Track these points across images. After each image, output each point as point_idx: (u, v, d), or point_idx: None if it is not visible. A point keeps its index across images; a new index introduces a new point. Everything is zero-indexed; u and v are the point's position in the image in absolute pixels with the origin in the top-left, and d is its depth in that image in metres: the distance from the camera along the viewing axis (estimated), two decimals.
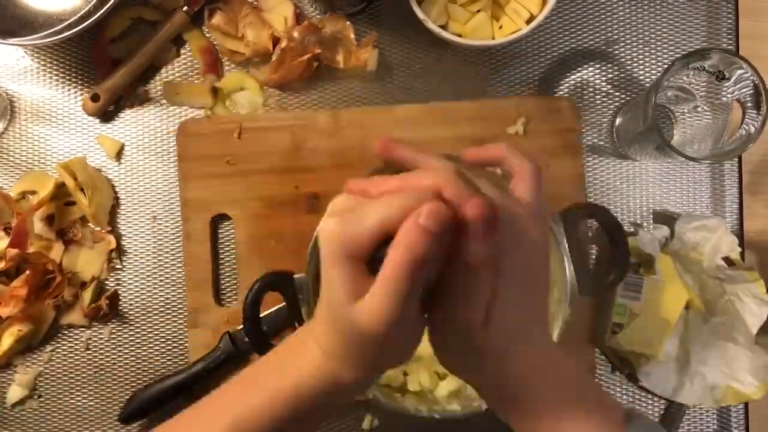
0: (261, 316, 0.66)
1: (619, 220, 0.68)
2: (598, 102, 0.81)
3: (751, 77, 0.66)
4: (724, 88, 0.70)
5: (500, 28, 0.74)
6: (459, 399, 0.68)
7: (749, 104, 0.67)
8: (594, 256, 0.79)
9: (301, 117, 0.78)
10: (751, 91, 0.67)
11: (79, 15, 0.69)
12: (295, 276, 0.66)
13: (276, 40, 0.77)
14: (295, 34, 0.76)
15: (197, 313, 0.76)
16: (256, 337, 0.65)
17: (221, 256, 0.79)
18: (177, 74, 0.80)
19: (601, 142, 0.81)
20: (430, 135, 0.77)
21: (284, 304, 0.66)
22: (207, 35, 0.80)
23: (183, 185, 0.77)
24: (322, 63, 0.78)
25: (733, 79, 0.68)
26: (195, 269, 0.77)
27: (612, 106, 0.81)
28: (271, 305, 0.74)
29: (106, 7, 0.71)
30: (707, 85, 0.71)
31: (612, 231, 0.67)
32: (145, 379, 0.78)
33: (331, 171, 0.77)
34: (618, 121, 0.79)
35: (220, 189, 0.77)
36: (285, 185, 0.77)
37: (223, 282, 0.78)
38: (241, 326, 0.74)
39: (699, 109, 0.74)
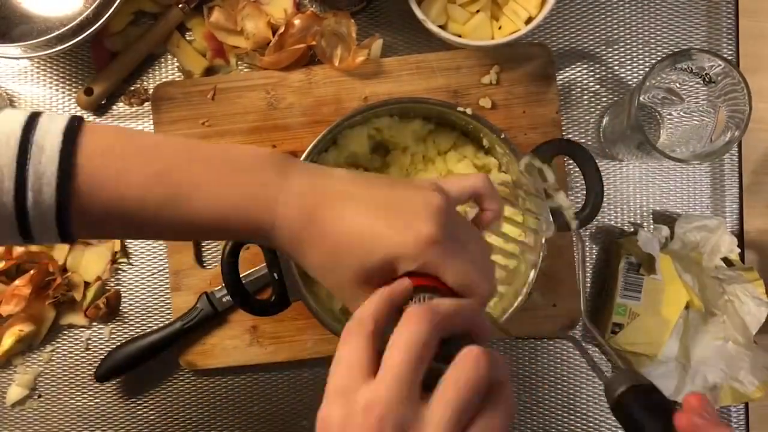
0: (242, 275, 0.66)
1: (592, 155, 0.68)
2: (585, 101, 0.81)
3: (734, 78, 0.66)
4: (711, 91, 0.70)
5: (499, 28, 0.74)
6: None
7: (733, 106, 0.67)
8: None
9: (275, 75, 0.78)
10: (735, 93, 0.67)
11: (77, 21, 0.69)
12: None
13: (276, 29, 0.77)
14: (297, 21, 0.76)
15: (179, 276, 0.77)
16: (235, 290, 0.66)
17: None
18: (177, 73, 0.81)
19: (589, 142, 0.81)
20: (405, 87, 0.77)
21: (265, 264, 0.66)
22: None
23: None
24: (316, 59, 0.78)
25: (718, 81, 0.68)
26: None
27: (600, 106, 0.81)
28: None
29: (105, 16, 0.70)
30: (694, 88, 0.72)
31: (584, 164, 0.67)
32: None
33: (307, 128, 0.77)
34: (604, 120, 0.80)
35: None
36: (262, 144, 0.77)
37: (204, 244, 0.79)
38: (221, 286, 0.74)
39: (686, 111, 0.74)
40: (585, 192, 0.69)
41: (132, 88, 0.80)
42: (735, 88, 0.66)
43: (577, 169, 0.70)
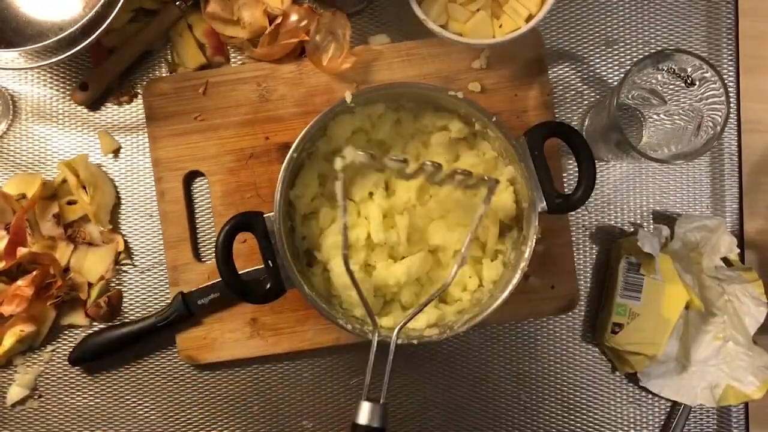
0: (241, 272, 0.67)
1: (584, 138, 0.68)
2: (585, 101, 0.81)
3: (713, 79, 0.66)
4: (692, 93, 0.70)
5: (500, 26, 0.74)
6: (437, 326, 0.69)
7: (712, 106, 0.68)
8: None
9: (266, 67, 0.78)
10: (714, 93, 0.67)
11: (80, 24, 0.69)
12: (266, 215, 0.66)
13: (273, 19, 0.77)
14: (294, 16, 0.76)
15: (176, 271, 0.77)
16: (229, 279, 0.65)
17: (198, 213, 0.79)
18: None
19: None
20: (397, 74, 0.78)
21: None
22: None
23: (153, 145, 0.77)
24: (304, 55, 0.78)
25: (698, 82, 0.68)
26: (171, 228, 0.77)
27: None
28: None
29: (107, 22, 0.70)
30: (677, 89, 0.72)
31: (576, 147, 0.67)
32: None
33: (299, 118, 0.77)
34: (587, 120, 0.80)
35: (190, 146, 0.77)
36: (255, 137, 0.77)
37: (201, 238, 0.79)
38: (199, 287, 0.75)
39: (668, 112, 0.75)
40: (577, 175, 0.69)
41: (128, 87, 0.80)
42: (714, 88, 0.67)
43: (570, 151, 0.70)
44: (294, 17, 0.76)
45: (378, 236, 0.69)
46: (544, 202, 0.67)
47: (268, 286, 0.66)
